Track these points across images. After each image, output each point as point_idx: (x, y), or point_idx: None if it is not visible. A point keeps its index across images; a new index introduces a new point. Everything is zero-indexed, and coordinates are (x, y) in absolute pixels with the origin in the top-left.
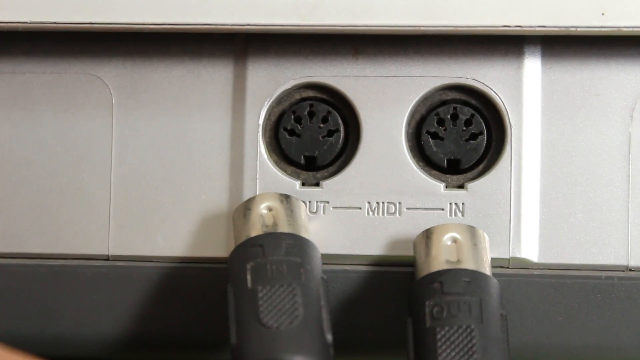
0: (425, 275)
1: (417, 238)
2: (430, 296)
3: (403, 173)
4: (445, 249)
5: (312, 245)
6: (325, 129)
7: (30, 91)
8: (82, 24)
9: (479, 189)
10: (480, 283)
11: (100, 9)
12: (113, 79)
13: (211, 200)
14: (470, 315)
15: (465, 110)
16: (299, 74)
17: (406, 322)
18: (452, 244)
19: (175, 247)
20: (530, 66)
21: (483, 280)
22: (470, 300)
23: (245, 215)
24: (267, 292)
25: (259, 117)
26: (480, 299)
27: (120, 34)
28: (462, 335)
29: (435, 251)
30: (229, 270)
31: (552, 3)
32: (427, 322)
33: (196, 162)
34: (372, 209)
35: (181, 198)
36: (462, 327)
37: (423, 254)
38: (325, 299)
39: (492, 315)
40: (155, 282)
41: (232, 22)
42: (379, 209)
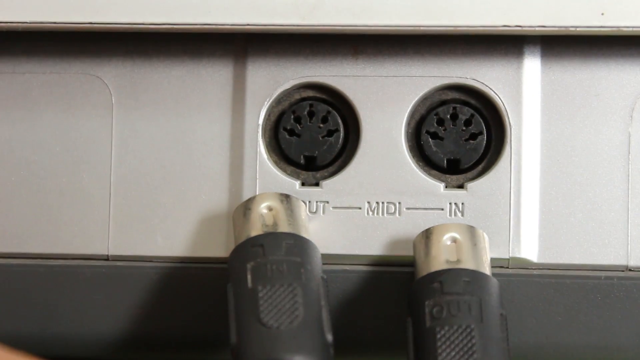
0: (425, 275)
1: (417, 238)
2: (430, 296)
3: (403, 173)
4: (445, 249)
5: (312, 245)
6: (325, 129)
7: (30, 91)
8: (82, 24)
9: (478, 189)
10: (480, 283)
11: (100, 9)
12: (113, 79)
13: (211, 200)
14: (470, 315)
15: (465, 110)
16: (299, 74)
17: (406, 322)
18: (452, 243)
19: (175, 247)
20: (529, 66)
21: (483, 280)
22: (470, 300)
23: (246, 215)
24: (267, 292)
25: (258, 117)
26: (480, 298)
27: (120, 34)
28: (462, 335)
29: (435, 251)
30: (229, 269)
31: (552, 3)
32: (427, 322)
33: (196, 162)
34: (371, 209)
35: (181, 198)
36: (462, 327)
37: (423, 253)
38: (325, 298)
39: (492, 314)
40: (155, 282)
41: (232, 22)
42: (378, 209)
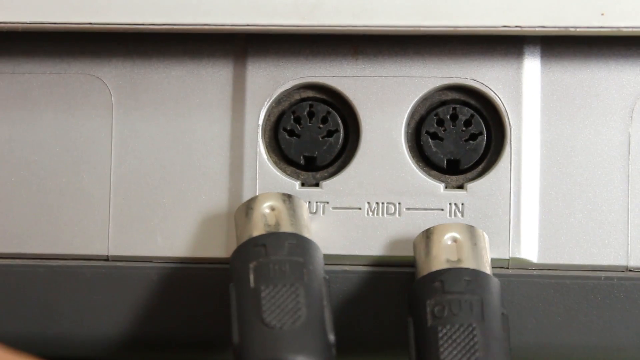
0: (425, 274)
1: (417, 238)
2: (431, 295)
3: (402, 173)
4: (446, 249)
5: (314, 245)
6: (324, 129)
7: (30, 91)
8: (82, 24)
9: (478, 189)
10: (481, 282)
11: (100, 9)
12: (113, 79)
13: (211, 201)
14: (472, 314)
15: (465, 111)
16: (299, 74)
17: (407, 322)
18: (452, 243)
19: (175, 247)
20: (529, 66)
21: (484, 279)
22: (472, 299)
23: (248, 215)
24: (269, 292)
25: (258, 118)
26: (481, 297)
27: (120, 34)
28: (463, 333)
29: (436, 251)
30: (231, 269)
31: (551, 3)
32: (429, 321)
33: (196, 162)
34: (371, 210)
35: (181, 198)
36: (463, 326)
37: (423, 253)
38: (327, 299)
39: (493, 313)
40: (155, 283)
41: (232, 22)
42: (378, 210)
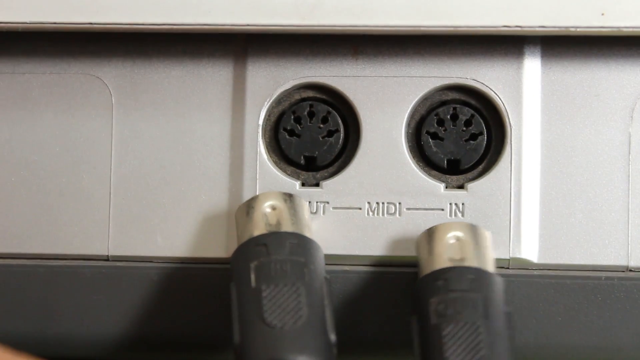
0: (429, 273)
1: (420, 236)
2: (435, 293)
3: (403, 173)
4: (449, 247)
5: (315, 244)
6: (325, 129)
7: (30, 91)
8: (82, 24)
9: (479, 189)
10: (484, 280)
11: (100, 9)
12: (113, 79)
13: (211, 201)
14: (476, 312)
15: (465, 111)
16: (299, 74)
17: (411, 320)
18: (455, 242)
19: (175, 247)
20: (530, 66)
21: (487, 278)
22: (475, 297)
23: (249, 214)
24: (271, 292)
25: (258, 118)
26: (485, 295)
27: (120, 34)
28: (468, 331)
29: (439, 249)
30: (232, 269)
31: (552, 3)
32: (433, 319)
33: (196, 162)
34: (372, 210)
35: (181, 198)
36: (468, 324)
37: (426, 252)
38: (328, 298)
39: (497, 312)
40: (155, 283)
41: (232, 22)
42: (378, 210)
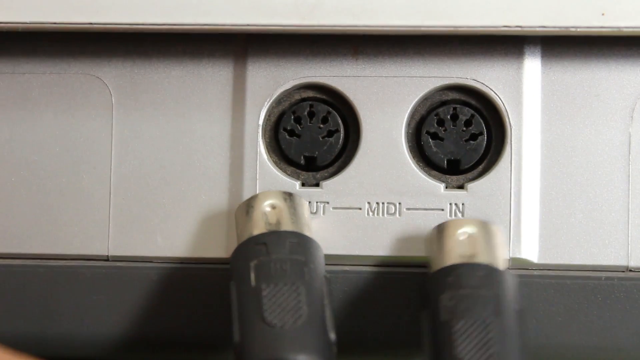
0: (439, 269)
1: (430, 233)
2: (445, 290)
3: (403, 173)
4: (459, 244)
5: (315, 244)
6: (325, 130)
7: (30, 91)
8: (82, 24)
9: (479, 189)
10: (495, 277)
11: (100, 9)
12: (113, 79)
13: (211, 201)
14: (486, 309)
15: (465, 111)
16: (299, 74)
17: (421, 316)
18: (466, 238)
19: (175, 247)
20: (530, 66)
21: (498, 274)
22: (486, 294)
23: (248, 213)
24: (271, 291)
25: (258, 118)
26: (496, 292)
27: (120, 34)
28: (478, 328)
29: (449, 245)
30: (231, 268)
31: (552, 3)
32: (443, 316)
33: (196, 162)
34: (372, 210)
35: (181, 198)
36: (478, 321)
37: (436, 248)
38: (328, 297)
39: (508, 308)
40: (155, 283)
41: (232, 22)
42: (379, 210)
